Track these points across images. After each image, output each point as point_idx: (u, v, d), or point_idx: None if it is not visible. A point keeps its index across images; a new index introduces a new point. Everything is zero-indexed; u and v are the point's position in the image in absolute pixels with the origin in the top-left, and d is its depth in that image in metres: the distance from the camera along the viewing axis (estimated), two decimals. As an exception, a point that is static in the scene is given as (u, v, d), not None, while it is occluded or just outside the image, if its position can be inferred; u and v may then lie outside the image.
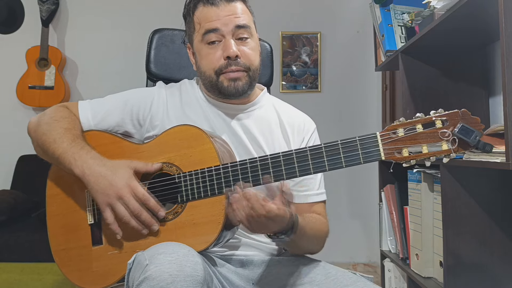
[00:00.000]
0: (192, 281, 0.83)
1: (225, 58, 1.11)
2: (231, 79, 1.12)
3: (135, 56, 2.76)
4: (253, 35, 1.15)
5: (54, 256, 1.13)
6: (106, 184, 1.01)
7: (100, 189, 1.01)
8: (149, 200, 1.02)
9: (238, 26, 1.11)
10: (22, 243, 2.56)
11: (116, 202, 1.01)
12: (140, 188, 1.02)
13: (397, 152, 0.91)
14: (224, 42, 1.11)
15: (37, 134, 1.14)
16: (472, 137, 0.86)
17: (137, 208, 1.00)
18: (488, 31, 1.56)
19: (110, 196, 1.01)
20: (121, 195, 1.00)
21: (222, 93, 1.14)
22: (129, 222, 1.01)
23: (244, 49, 1.13)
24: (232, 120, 1.18)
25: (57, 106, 1.19)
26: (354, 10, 3.15)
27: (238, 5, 1.13)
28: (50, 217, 1.15)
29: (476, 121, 0.88)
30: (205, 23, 1.12)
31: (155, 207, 1.02)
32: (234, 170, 1.00)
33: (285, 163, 0.98)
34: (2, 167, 3.17)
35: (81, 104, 1.20)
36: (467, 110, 0.89)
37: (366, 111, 3.15)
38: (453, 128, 0.87)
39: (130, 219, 1.01)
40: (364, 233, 3.10)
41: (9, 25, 3.29)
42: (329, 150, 0.95)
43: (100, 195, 1.02)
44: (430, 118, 0.90)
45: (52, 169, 1.17)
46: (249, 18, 1.15)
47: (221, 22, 1.10)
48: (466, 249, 1.37)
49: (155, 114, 1.17)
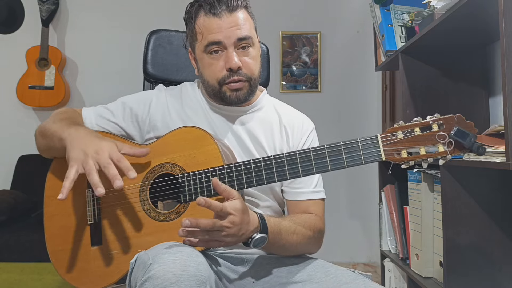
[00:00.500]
0: (196, 280, 0.83)
1: (227, 70, 1.12)
2: (233, 90, 1.14)
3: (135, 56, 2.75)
4: (254, 43, 1.17)
5: (51, 258, 1.13)
6: (87, 141, 1.02)
7: (80, 145, 1.02)
8: (123, 160, 1.00)
9: (240, 39, 1.12)
10: (22, 243, 2.56)
11: (89, 159, 0.99)
12: (117, 152, 1.02)
13: (397, 153, 0.95)
14: (226, 54, 1.12)
15: (40, 128, 1.19)
16: (467, 139, 0.90)
17: (106, 161, 0.99)
18: (488, 31, 1.56)
19: (87, 153, 1.00)
20: (97, 152, 1.00)
21: (224, 101, 1.17)
22: (90, 174, 0.97)
23: (246, 59, 1.14)
24: (234, 122, 1.20)
25: (64, 108, 1.25)
26: (354, 10, 3.15)
27: (240, 14, 1.14)
28: (48, 218, 1.15)
29: (470, 125, 0.92)
30: (207, 34, 1.12)
31: (127, 167, 1.00)
32: (238, 170, 1.01)
33: (289, 164, 0.99)
34: (2, 167, 3.17)
35: (86, 108, 1.25)
36: (461, 115, 0.93)
37: (366, 111, 3.15)
38: (449, 131, 0.92)
39: (93, 172, 0.98)
40: (364, 233, 3.10)
41: (9, 25, 3.29)
42: (331, 151, 0.97)
43: (77, 150, 1.01)
44: (427, 122, 0.94)
45: (51, 170, 1.17)
46: (250, 26, 1.16)
47: (224, 35, 1.11)
48: (466, 249, 1.37)
49: (154, 115, 1.19)
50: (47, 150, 1.17)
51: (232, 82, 1.13)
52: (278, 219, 1.08)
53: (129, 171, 1.00)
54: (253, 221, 1.00)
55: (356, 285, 0.99)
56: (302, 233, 1.11)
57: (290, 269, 1.10)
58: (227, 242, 0.98)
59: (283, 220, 1.10)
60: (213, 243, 0.98)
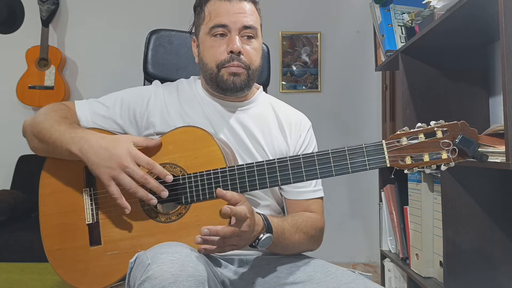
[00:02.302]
0: (194, 281, 0.83)
1: (228, 53, 1.13)
2: (231, 74, 1.14)
3: (135, 56, 2.76)
4: (258, 36, 1.18)
5: (48, 257, 1.12)
6: (107, 155, 1.00)
7: (102, 161, 1.00)
8: (155, 166, 1.01)
9: (245, 26, 1.14)
10: (22, 243, 2.56)
11: (120, 173, 0.99)
12: (142, 155, 1.01)
13: (401, 160, 0.96)
14: (229, 37, 1.14)
15: (33, 125, 1.14)
16: (471, 148, 0.91)
17: (142, 176, 0.99)
18: (488, 31, 1.56)
19: (113, 168, 0.99)
20: (124, 165, 0.99)
21: (220, 86, 1.16)
22: (136, 192, 0.99)
23: (247, 48, 1.16)
24: (231, 117, 1.20)
25: (53, 103, 1.20)
26: (354, 10, 3.15)
27: (248, 5, 1.16)
28: (43, 216, 1.14)
29: (474, 132, 0.93)
30: (215, 16, 1.14)
31: (162, 172, 1.01)
32: (240, 173, 1.00)
33: (292, 168, 0.99)
34: (2, 167, 3.17)
35: (78, 102, 1.20)
36: (465, 122, 0.93)
37: (366, 111, 3.15)
38: (453, 138, 0.92)
39: (137, 189, 0.99)
40: (364, 233, 3.10)
41: (9, 25, 3.29)
42: (336, 156, 0.97)
43: (102, 168, 1.00)
44: (432, 128, 0.94)
45: (45, 167, 1.15)
46: (256, 19, 1.18)
47: (230, 19, 1.13)
48: (466, 249, 1.37)
49: (152, 111, 1.18)
50: (46, 153, 1.14)
51: (232, 66, 1.13)
52: (280, 219, 1.09)
53: (166, 176, 1.01)
54: (258, 222, 1.00)
55: (356, 285, 0.99)
56: (304, 232, 1.12)
57: (290, 269, 1.10)
58: (240, 246, 0.98)
59: (285, 219, 1.10)
60: (228, 247, 0.97)
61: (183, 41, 1.54)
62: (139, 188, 0.99)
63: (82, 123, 1.16)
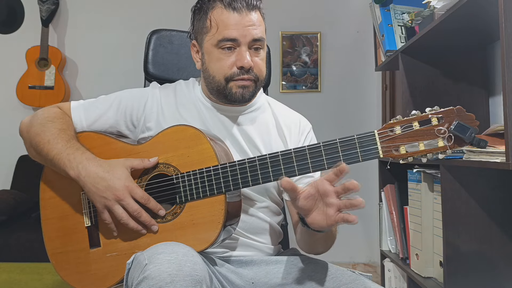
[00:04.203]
0: (191, 280, 0.83)
1: (239, 68, 1.10)
2: (240, 87, 1.12)
3: (135, 56, 2.76)
4: (264, 46, 1.15)
5: (51, 259, 1.13)
6: (104, 186, 1.01)
7: (98, 191, 1.02)
8: (149, 200, 1.02)
9: (255, 40, 1.10)
10: (22, 243, 2.56)
11: (114, 204, 1.01)
12: (138, 189, 1.02)
13: (395, 150, 0.92)
14: (239, 51, 1.10)
15: (30, 135, 1.13)
16: (467, 134, 0.87)
17: (136, 209, 1.01)
18: (488, 31, 1.56)
19: (108, 199, 1.01)
20: (119, 198, 1.01)
21: (227, 99, 1.14)
22: (127, 224, 1.01)
23: (257, 59, 1.12)
24: (230, 122, 1.18)
25: (49, 107, 1.19)
26: (354, 10, 3.16)
27: (256, 14, 1.12)
28: (45, 220, 1.15)
29: (471, 118, 0.88)
30: (223, 29, 1.09)
31: (155, 207, 1.02)
32: (233, 170, 1.00)
33: (284, 162, 0.97)
34: (2, 167, 3.17)
35: (74, 104, 1.20)
36: (462, 107, 0.89)
37: (366, 111, 3.15)
38: (448, 125, 0.88)
39: (129, 220, 1.01)
40: (364, 233, 3.10)
41: (9, 25, 3.29)
42: (327, 149, 0.95)
43: (98, 197, 1.02)
44: (426, 115, 0.91)
45: (45, 172, 1.16)
46: (263, 28, 1.15)
47: (240, 33, 1.09)
48: (466, 249, 1.37)
49: (148, 115, 1.17)
50: (44, 163, 1.14)
51: (241, 80, 1.11)
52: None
53: (159, 211, 1.03)
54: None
55: (356, 285, 0.99)
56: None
57: (289, 270, 1.09)
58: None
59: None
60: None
61: (183, 41, 1.54)
62: (130, 220, 1.02)
63: (77, 129, 1.16)
